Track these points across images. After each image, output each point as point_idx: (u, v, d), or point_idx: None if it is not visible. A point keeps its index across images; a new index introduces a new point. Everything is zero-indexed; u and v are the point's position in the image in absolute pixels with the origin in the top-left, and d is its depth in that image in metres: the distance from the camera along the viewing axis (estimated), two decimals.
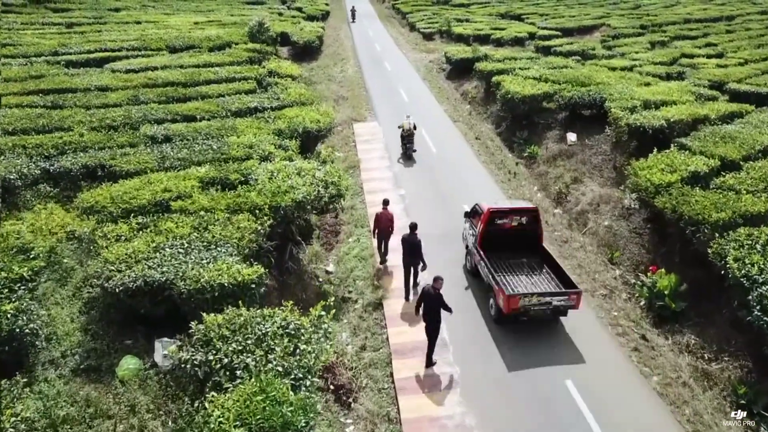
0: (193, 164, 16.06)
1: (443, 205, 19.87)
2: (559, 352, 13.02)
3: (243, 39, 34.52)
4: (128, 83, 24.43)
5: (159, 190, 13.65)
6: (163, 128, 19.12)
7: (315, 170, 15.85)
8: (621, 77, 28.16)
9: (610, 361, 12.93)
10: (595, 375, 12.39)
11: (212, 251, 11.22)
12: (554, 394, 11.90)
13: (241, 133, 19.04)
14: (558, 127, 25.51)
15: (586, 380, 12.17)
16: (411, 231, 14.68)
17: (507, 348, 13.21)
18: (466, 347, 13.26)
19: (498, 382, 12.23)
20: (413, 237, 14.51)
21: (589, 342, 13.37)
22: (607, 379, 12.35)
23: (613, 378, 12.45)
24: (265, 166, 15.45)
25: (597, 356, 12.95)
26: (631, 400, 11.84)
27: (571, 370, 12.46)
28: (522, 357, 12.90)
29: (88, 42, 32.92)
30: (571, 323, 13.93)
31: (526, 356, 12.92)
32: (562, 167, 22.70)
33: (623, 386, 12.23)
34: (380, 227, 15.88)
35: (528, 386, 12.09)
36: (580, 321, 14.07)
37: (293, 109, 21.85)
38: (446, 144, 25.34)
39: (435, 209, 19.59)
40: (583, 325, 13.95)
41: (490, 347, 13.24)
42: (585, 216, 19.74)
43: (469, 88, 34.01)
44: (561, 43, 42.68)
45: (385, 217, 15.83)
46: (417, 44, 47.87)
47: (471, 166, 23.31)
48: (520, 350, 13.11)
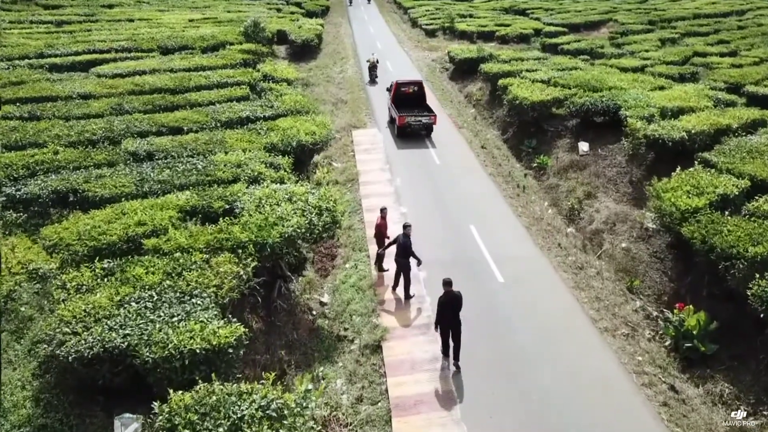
0: (174, 188, 14.54)
1: (449, 226, 18.26)
2: (589, 416, 11.51)
3: (238, 38, 32.87)
4: (113, 90, 22.86)
5: (132, 224, 12.12)
6: (146, 143, 17.60)
7: (308, 194, 14.33)
8: (634, 80, 26.54)
9: (640, 420, 11.40)
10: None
11: (186, 304, 9.70)
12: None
13: (230, 147, 17.55)
14: (569, 135, 23.91)
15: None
16: (404, 230, 14.78)
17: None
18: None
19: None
20: (407, 239, 14.55)
21: (615, 398, 11.85)
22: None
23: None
24: (252, 192, 13.92)
25: (625, 416, 11.41)
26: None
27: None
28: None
29: (76, 42, 31.30)
30: (597, 371, 12.42)
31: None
32: (574, 180, 21.13)
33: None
34: (379, 236, 15.83)
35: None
36: (603, 366, 12.58)
37: (287, 119, 20.28)
38: (451, 154, 23.73)
39: (440, 231, 17.99)
40: (608, 374, 12.43)
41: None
42: (600, 236, 18.20)
43: (473, 89, 32.35)
44: (568, 41, 41.03)
45: (384, 226, 15.80)
46: (419, 41, 46.11)
47: (477, 179, 21.71)
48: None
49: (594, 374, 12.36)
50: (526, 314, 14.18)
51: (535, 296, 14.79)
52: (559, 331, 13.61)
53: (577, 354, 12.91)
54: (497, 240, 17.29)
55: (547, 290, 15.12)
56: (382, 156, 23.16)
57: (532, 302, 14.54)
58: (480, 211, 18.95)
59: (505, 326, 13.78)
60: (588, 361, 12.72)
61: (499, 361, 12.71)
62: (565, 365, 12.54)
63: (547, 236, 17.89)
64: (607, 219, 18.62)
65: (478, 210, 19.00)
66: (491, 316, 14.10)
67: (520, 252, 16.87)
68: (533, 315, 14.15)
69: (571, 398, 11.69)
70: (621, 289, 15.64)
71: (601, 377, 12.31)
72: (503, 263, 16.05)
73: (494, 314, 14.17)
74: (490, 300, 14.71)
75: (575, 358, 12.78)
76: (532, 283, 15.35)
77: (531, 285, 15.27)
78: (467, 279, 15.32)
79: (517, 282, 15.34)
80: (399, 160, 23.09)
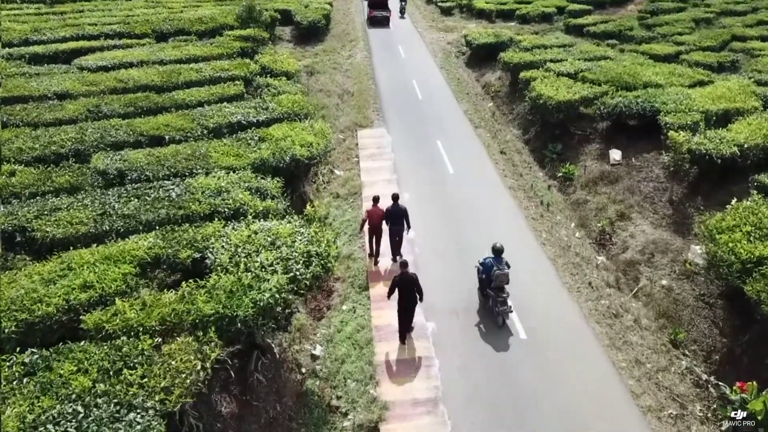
0: (140, 226, 12.19)
1: (464, 258, 15.69)
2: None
3: (238, 21, 30.09)
4: (93, 87, 20.40)
5: (77, 287, 9.82)
6: (119, 158, 15.23)
7: (295, 234, 11.92)
8: (670, 73, 23.59)
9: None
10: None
11: (120, 423, 7.43)
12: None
13: (215, 163, 15.18)
14: (598, 140, 21.14)
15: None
16: (394, 201, 14.81)
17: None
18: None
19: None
20: (397, 207, 14.69)
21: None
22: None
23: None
24: (228, 237, 11.53)
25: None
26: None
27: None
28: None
29: (65, 27, 28.70)
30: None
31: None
32: (604, 195, 18.47)
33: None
34: (371, 224, 15.03)
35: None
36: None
37: (282, 126, 17.75)
38: (466, 162, 21.01)
39: (453, 265, 15.50)
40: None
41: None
42: (635, 269, 15.67)
43: (492, 79, 29.42)
44: (594, 22, 37.73)
45: (376, 214, 14.93)
46: (434, 20, 42.86)
47: (496, 195, 19.02)
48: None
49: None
50: (551, 385, 11.76)
51: (563, 360, 12.31)
52: (592, 413, 11.18)
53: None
54: (519, 281, 14.74)
55: (578, 351, 12.64)
56: (389, 164, 20.54)
57: (559, 368, 12.09)
58: (499, 236, 16.36)
59: (527, 401, 11.40)
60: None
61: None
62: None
63: (576, 271, 15.38)
64: (643, 248, 16.06)
65: (496, 235, 16.43)
66: (510, 386, 11.73)
67: (545, 296, 14.33)
68: (560, 387, 11.71)
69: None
70: (663, 343, 13.18)
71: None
72: (526, 313, 13.57)
73: (514, 384, 11.79)
74: (510, 364, 12.30)
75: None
76: (559, 340, 12.86)
77: (558, 343, 12.79)
78: (485, 334, 12.95)
79: (543, 340, 12.87)
80: (408, 167, 20.50)
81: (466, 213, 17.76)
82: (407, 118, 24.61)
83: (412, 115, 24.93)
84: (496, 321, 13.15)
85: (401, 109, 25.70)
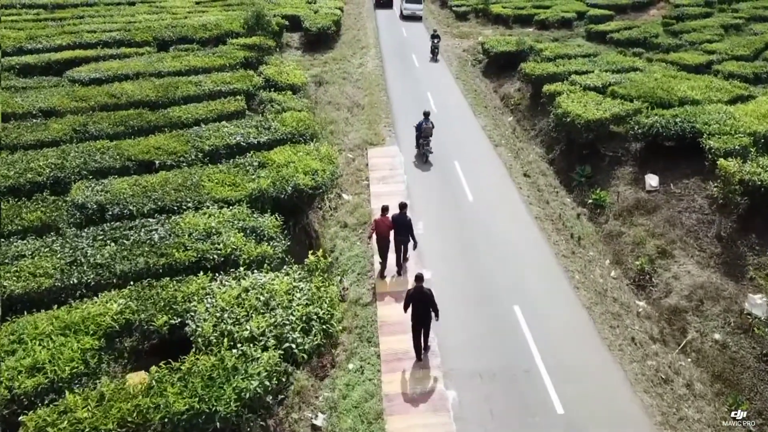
0: (113, 278, 10.37)
1: (485, 306, 13.66)
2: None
3: (243, 28, 28.28)
4: (83, 103, 18.66)
5: (25, 368, 8.01)
6: (101, 188, 13.46)
7: (294, 290, 10.06)
8: (707, 87, 21.54)
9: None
10: None
11: None
12: None
13: (208, 194, 13.38)
14: (631, 162, 19.09)
15: None
16: (401, 211, 14.38)
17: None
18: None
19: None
20: (403, 217, 14.30)
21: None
22: None
23: None
24: (214, 296, 9.67)
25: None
26: None
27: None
28: None
29: (62, 34, 27.05)
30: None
31: None
32: (641, 228, 16.45)
33: None
34: (380, 235, 14.37)
35: None
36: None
37: (285, 149, 15.89)
38: (487, 186, 18.98)
39: (473, 314, 13.47)
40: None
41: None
42: (681, 317, 13.65)
43: (511, 90, 27.39)
44: (617, 28, 35.62)
45: (384, 224, 14.28)
46: (449, 26, 40.82)
47: (521, 226, 16.92)
48: None
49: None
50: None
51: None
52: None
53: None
54: (552, 334, 12.79)
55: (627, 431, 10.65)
56: (402, 188, 18.58)
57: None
58: (527, 279, 14.44)
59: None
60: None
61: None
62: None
63: (616, 323, 13.35)
64: (690, 293, 14.02)
65: (524, 277, 14.51)
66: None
67: (583, 356, 12.26)
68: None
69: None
70: (723, 416, 11.17)
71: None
72: (561, 378, 11.57)
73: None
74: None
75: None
76: (602, 416, 10.76)
77: (601, 419, 10.71)
78: (517, 406, 10.98)
79: (583, 416, 10.79)
80: (422, 192, 18.54)
81: (488, 249, 15.75)
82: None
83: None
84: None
85: (415, 121, 23.72)
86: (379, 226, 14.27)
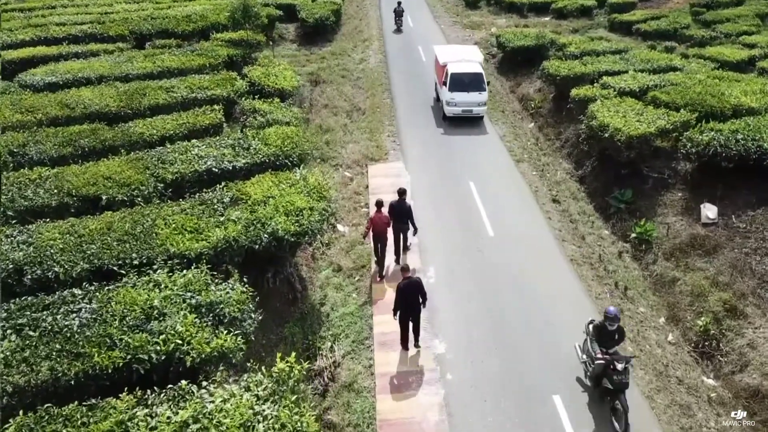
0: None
1: (520, 392, 10.45)
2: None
3: (230, 21, 24.87)
4: (29, 116, 15.51)
5: None
6: (24, 240, 10.39)
7: (255, 421, 6.93)
8: (761, 91, 18.19)
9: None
10: None
11: None
12: None
13: (161, 245, 10.31)
14: (680, 186, 15.79)
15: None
16: (399, 197, 13.50)
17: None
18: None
19: None
20: (402, 203, 13.42)
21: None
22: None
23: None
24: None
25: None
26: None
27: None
28: None
29: (28, 27, 23.76)
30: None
31: None
32: (700, 273, 13.20)
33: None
34: (375, 232, 13.17)
35: None
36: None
37: (265, 178, 12.73)
38: (510, 216, 15.47)
39: (503, 405, 10.30)
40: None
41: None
42: (763, 401, 10.48)
43: (530, 90, 23.95)
44: (643, 18, 32.13)
45: (381, 221, 13.12)
46: (458, 15, 37.12)
47: (554, 272, 13.42)
48: None
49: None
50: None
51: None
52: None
53: None
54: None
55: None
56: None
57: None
58: (565, 351, 11.20)
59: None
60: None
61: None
62: None
63: (687, 419, 10.13)
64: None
65: (560, 347, 11.29)
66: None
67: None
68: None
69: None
70: None
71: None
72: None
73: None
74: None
75: None
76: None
77: None
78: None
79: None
80: (432, 222, 15.21)
81: (515, 305, 12.44)
82: (431, 147, 19.25)
83: (437, 144, 19.60)
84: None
85: (423, 133, 20.31)
86: (376, 224, 13.07)
